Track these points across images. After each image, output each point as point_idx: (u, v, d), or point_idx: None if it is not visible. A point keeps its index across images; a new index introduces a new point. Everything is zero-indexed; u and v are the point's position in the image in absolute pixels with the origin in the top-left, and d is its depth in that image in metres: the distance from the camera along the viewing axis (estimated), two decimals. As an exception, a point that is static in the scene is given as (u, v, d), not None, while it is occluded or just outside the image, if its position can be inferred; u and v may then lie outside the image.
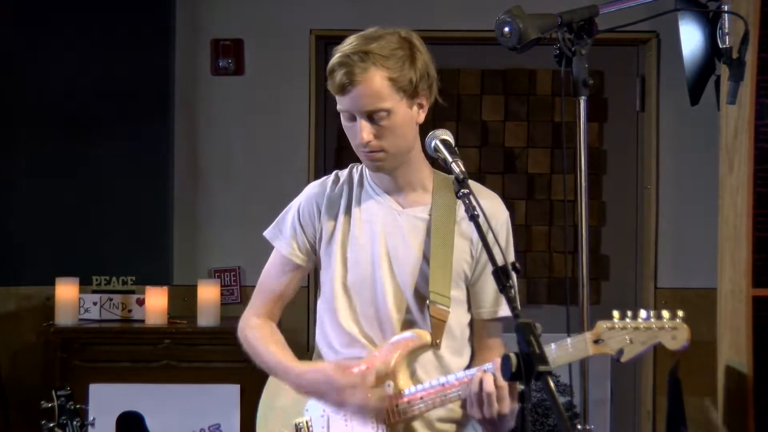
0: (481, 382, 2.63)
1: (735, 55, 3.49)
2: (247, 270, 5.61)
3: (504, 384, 2.61)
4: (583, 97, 3.08)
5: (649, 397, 5.58)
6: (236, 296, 5.58)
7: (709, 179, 4.90)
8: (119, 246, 5.57)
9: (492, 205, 2.85)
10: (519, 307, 2.33)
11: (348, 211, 2.90)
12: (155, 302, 5.24)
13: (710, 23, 4.20)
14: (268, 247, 5.61)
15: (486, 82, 5.73)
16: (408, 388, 2.76)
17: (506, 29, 2.98)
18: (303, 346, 5.53)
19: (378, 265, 2.84)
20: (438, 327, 2.79)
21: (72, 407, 3.27)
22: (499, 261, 2.42)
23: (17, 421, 5.32)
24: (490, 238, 2.54)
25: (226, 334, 5.23)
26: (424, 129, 2.85)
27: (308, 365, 2.89)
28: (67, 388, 3.34)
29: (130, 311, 5.35)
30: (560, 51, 3.03)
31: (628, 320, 2.62)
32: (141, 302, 5.30)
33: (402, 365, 2.77)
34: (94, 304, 5.32)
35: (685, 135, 5.58)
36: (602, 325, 2.62)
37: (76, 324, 5.22)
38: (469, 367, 2.87)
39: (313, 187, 3.00)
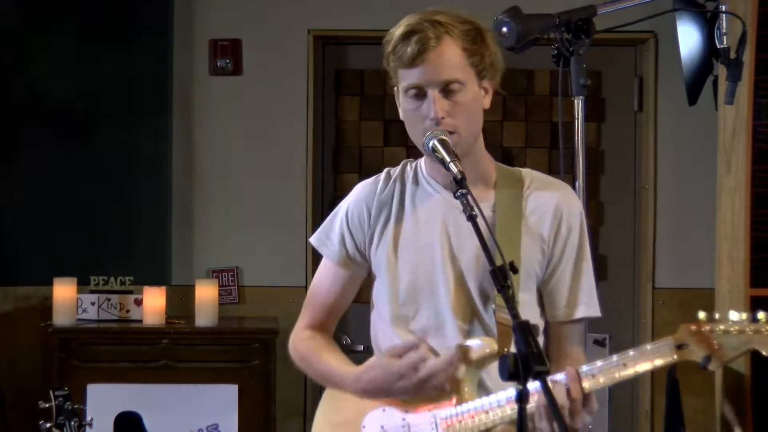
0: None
1: (733, 56, 3.49)
2: (245, 270, 5.60)
3: (578, 396, 2.41)
4: (581, 97, 3.08)
5: (647, 397, 5.58)
6: (234, 296, 5.58)
7: (707, 179, 4.91)
8: (117, 246, 5.57)
9: (563, 197, 2.71)
10: (516, 307, 2.27)
11: (402, 210, 2.71)
12: (153, 302, 5.23)
13: (708, 23, 4.21)
14: (266, 247, 5.65)
15: (484, 82, 5.73)
16: (473, 401, 2.56)
17: (504, 29, 2.98)
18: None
19: (441, 268, 2.64)
20: (506, 334, 2.55)
21: (70, 407, 3.27)
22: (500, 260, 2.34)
23: (15, 421, 5.31)
24: (488, 237, 2.41)
25: (224, 334, 5.26)
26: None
27: (363, 365, 2.65)
28: (65, 389, 3.35)
29: (128, 311, 5.33)
30: (558, 51, 3.04)
31: (717, 323, 2.37)
32: (139, 302, 5.29)
33: (467, 376, 2.58)
34: (92, 304, 5.31)
35: (683, 135, 5.58)
36: (686, 328, 2.39)
37: (74, 324, 5.21)
38: None
39: (362, 188, 2.79)
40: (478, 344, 2.60)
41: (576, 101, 3.11)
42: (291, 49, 5.62)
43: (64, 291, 5.23)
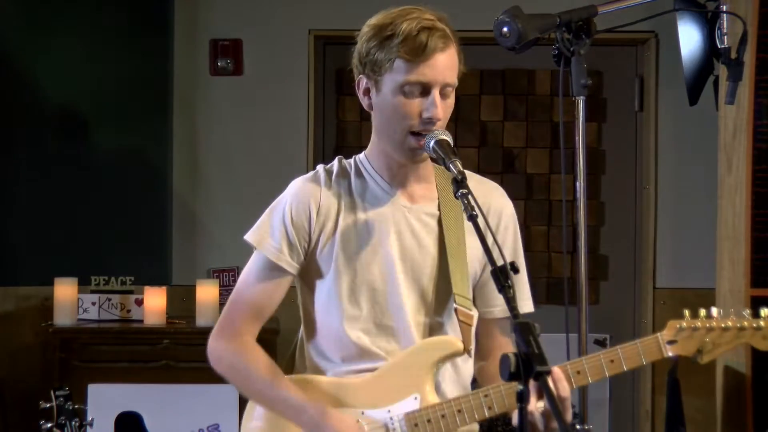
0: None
1: (733, 56, 3.49)
2: (245, 270, 5.60)
3: (567, 395, 2.39)
4: (581, 97, 3.08)
5: (647, 397, 5.58)
6: (235, 296, 5.58)
7: (708, 179, 4.91)
8: (118, 246, 5.57)
9: (497, 197, 2.74)
10: (517, 307, 2.28)
11: (350, 208, 2.65)
12: (154, 302, 5.23)
13: (709, 23, 4.21)
14: (266, 247, 5.62)
15: (485, 82, 5.73)
16: (436, 401, 2.56)
17: (505, 29, 2.97)
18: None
19: (392, 267, 2.62)
20: (467, 332, 2.58)
21: (71, 407, 3.27)
22: (500, 259, 2.34)
23: (15, 421, 5.31)
24: (489, 238, 2.41)
25: (224, 334, 5.25)
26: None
27: (330, 412, 2.57)
28: (66, 389, 3.34)
29: (128, 311, 5.34)
30: (559, 51, 3.03)
31: (703, 319, 2.43)
32: (140, 302, 5.30)
33: (429, 376, 2.58)
34: (93, 304, 5.31)
35: (684, 135, 5.58)
36: (674, 324, 2.45)
37: (75, 324, 5.22)
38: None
39: (302, 183, 2.74)
40: (440, 342, 2.60)
41: (577, 101, 3.11)
42: (291, 49, 5.62)
43: (64, 291, 5.23)
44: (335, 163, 2.75)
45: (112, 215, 5.57)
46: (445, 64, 2.56)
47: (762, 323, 2.39)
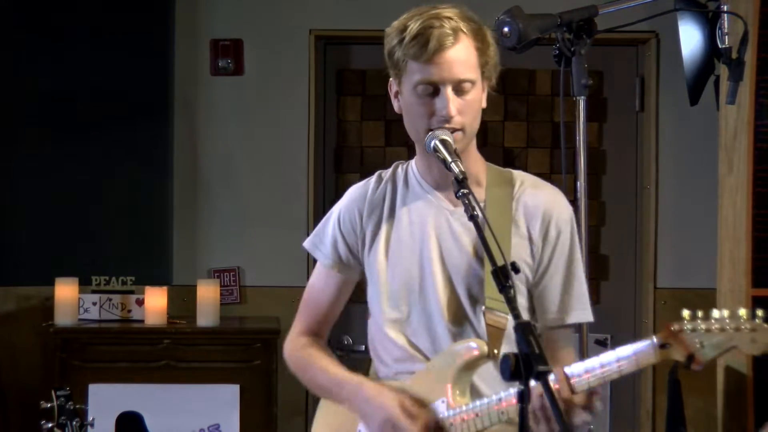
0: (541, 397, 2.34)
1: (734, 55, 3.49)
2: (246, 270, 5.60)
3: (568, 396, 2.39)
4: (582, 97, 3.08)
5: (648, 397, 5.58)
6: (236, 296, 5.58)
7: (709, 179, 4.90)
8: (119, 246, 5.57)
9: (553, 200, 2.69)
10: (518, 307, 2.27)
11: (392, 213, 2.70)
12: (155, 302, 5.23)
13: (709, 23, 4.21)
14: (267, 247, 5.65)
15: (485, 82, 5.73)
16: (463, 405, 2.56)
17: (505, 29, 2.98)
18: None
19: (430, 270, 2.64)
20: (495, 336, 2.56)
21: (71, 407, 3.27)
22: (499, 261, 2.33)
23: (16, 421, 5.32)
24: (489, 236, 2.40)
25: (225, 334, 5.26)
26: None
27: (373, 389, 2.64)
28: (67, 388, 3.34)
29: (129, 311, 5.33)
30: (560, 51, 3.03)
31: (699, 321, 2.33)
32: (140, 302, 5.29)
33: (458, 379, 2.58)
34: (94, 304, 5.31)
35: (685, 135, 5.58)
36: (669, 327, 2.36)
37: (76, 324, 5.21)
38: None
39: (354, 191, 2.79)
40: (466, 347, 2.60)
41: (577, 101, 3.12)
42: (292, 49, 5.62)
43: (65, 291, 5.23)
44: (390, 169, 2.79)
45: (113, 215, 5.57)
46: (453, 61, 2.55)
47: (752, 325, 2.31)
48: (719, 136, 4.60)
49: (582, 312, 2.69)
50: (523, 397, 2.13)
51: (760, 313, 2.32)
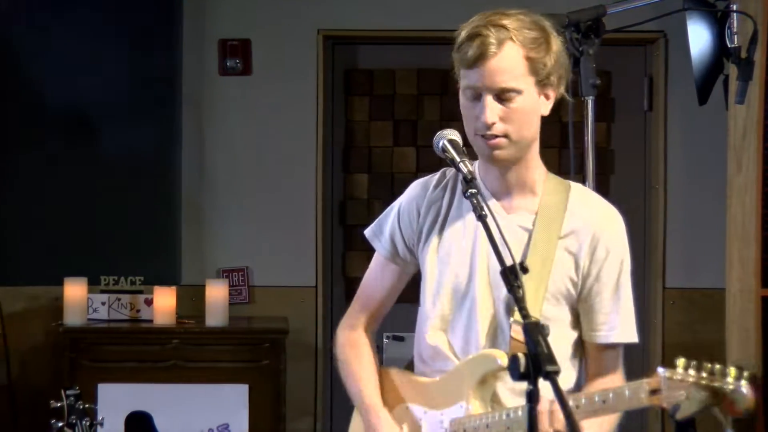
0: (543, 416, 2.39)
1: (743, 55, 3.49)
2: (255, 270, 5.61)
3: (560, 427, 2.39)
4: (590, 97, 3.08)
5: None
6: (244, 296, 5.59)
7: (718, 179, 4.90)
8: (127, 246, 5.57)
9: (605, 219, 2.69)
10: (527, 307, 2.27)
11: (449, 213, 2.70)
12: (163, 302, 5.24)
13: (718, 23, 4.20)
14: (276, 247, 5.65)
15: (494, 82, 5.73)
16: (478, 413, 2.58)
17: (514, 29, 2.97)
18: (311, 346, 5.53)
19: (476, 273, 2.64)
20: (518, 349, 2.45)
21: (81, 407, 3.28)
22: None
23: (26, 420, 5.32)
24: (498, 238, 2.40)
25: (234, 334, 5.27)
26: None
27: (387, 420, 2.73)
28: (76, 388, 3.35)
29: (138, 311, 5.33)
30: (568, 51, 3.03)
31: (691, 371, 2.25)
32: (149, 302, 5.30)
33: (479, 387, 2.59)
34: (103, 304, 5.31)
35: (693, 135, 5.57)
36: (661, 374, 2.29)
37: (85, 324, 5.22)
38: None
39: (415, 186, 2.79)
40: (487, 357, 2.60)
41: (586, 101, 3.12)
42: (300, 49, 5.63)
43: (74, 291, 5.24)
44: (453, 168, 2.72)
45: (122, 215, 5.58)
46: (494, 70, 2.52)
47: (733, 387, 2.21)
48: (728, 135, 4.59)
49: (627, 333, 2.67)
50: (532, 396, 2.13)
51: (746, 374, 2.23)
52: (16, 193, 5.54)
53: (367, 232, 2.87)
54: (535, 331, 2.17)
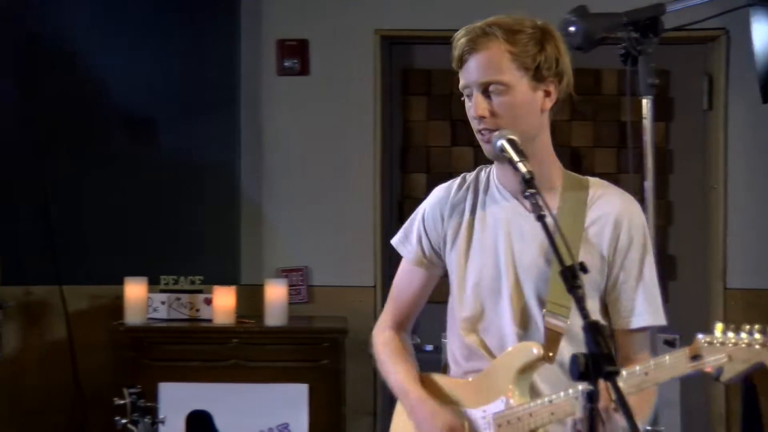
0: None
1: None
2: (313, 269, 5.63)
3: (608, 404, 2.43)
4: (649, 97, 3.06)
5: (721, 400, 5.52)
6: (303, 296, 5.61)
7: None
8: (187, 245, 5.62)
9: (626, 209, 2.73)
10: (587, 307, 2.28)
11: (473, 216, 2.78)
12: (223, 302, 5.27)
13: (784, 18, 4.15)
14: (334, 247, 5.68)
15: (552, 81, 5.71)
16: (520, 404, 2.64)
17: (571, 29, 2.98)
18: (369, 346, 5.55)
19: (503, 271, 2.71)
20: (553, 338, 2.63)
21: (143, 405, 3.31)
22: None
23: (94, 415, 5.38)
24: (558, 237, 2.41)
25: (293, 333, 5.28)
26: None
27: (426, 399, 2.79)
28: (138, 387, 3.38)
29: (197, 310, 5.36)
30: (626, 50, 3.02)
31: (730, 335, 2.36)
32: (209, 302, 5.33)
33: (518, 379, 2.66)
34: (162, 303, 5.35)
35: (755, 133, 5.53)
36: (701, 340, 2.40)
37: (145, 323, 5.27)
38: None
39: (438, 192, 2.89)
40: (523, 350, 2.66)
41: (644, 101, 3.10)
42: (357, 49, 5.64)
43: (135, 290, 5.28)
44: (474, 172, 2.87)
45: (181, 215, 5.63)
46: (477, 66, 2.63)
47: None
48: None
49: (654, 315, 2.74)
50: (592, 397, 2.13)
51: None
52: (79, 194, 5.60)
53: (394, 240, 2.97)
54: (595, 331, 2.17)
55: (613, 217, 2.70)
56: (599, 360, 2.12)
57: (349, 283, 5.58)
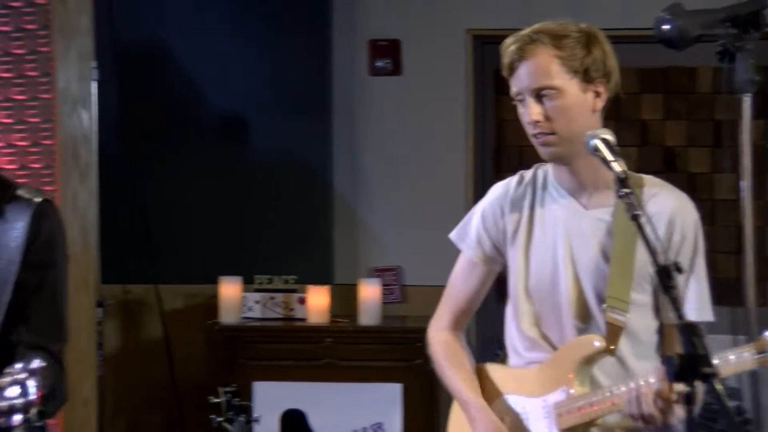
0: (638, 398, 2.56)
1: None
2: (407, 269, 5.64)
3: (669, 396, 2.51)
4: (747, 95, 3.02)
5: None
6: (397, 295, 5.62)
7: None
8: (281, 245, 5.67)
9: (679, 206, 2.79)
10: (682, 308, 2.27)
11: (531, 212, 2.85)
12: (317, 301, 5.30)
13: None
14: (427, 247, 5.67)
15: (645, 80, 5.65)
16: (582, 395, 2.70)
17: (665, 27, 2.94)
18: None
19: (561, 267, 2.78)
20: (614, 332, 2.70)
21: (238, 404, 3.35)
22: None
23: (190, 413, 5.45)
24: (652, 238, 2.38)
25: (387, 333, 5.29)
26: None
27: (486, 410, 2.87)
28: (233, 385, 3.42)
29: (291, 310, 5.40)
30: (724, 47, 2.97)
31: None
32: (303, 301, 5.37)
33: (579, 371, 2.72)
34: (257, 302, 5.40)
35: None
36: (767, 336, 2.50)
37: (240, 322, 5.33)
38: None
39: (496, 189, 2.95)
40: (585, 342, 2.73)
41: (742, 98, 3.05)
42: (449, 49, 5.64)
43: (229, 290, 5.34)
44: (531, 170, 2.93)
45: (275, 215, 5.68)
46: (527, 72, 2.74)
47: None
48: None
49: (702, 312, 2.76)
50: (690, 398, 2.11)
51: None
52: (175, 195, 5.69)
53: (452, 235, 3.03)
54: (690, 333, 2.16)
55: (667, 215, 2.75)
56: (695, 361, 2.11)
57: (442, 282, 5.53)
